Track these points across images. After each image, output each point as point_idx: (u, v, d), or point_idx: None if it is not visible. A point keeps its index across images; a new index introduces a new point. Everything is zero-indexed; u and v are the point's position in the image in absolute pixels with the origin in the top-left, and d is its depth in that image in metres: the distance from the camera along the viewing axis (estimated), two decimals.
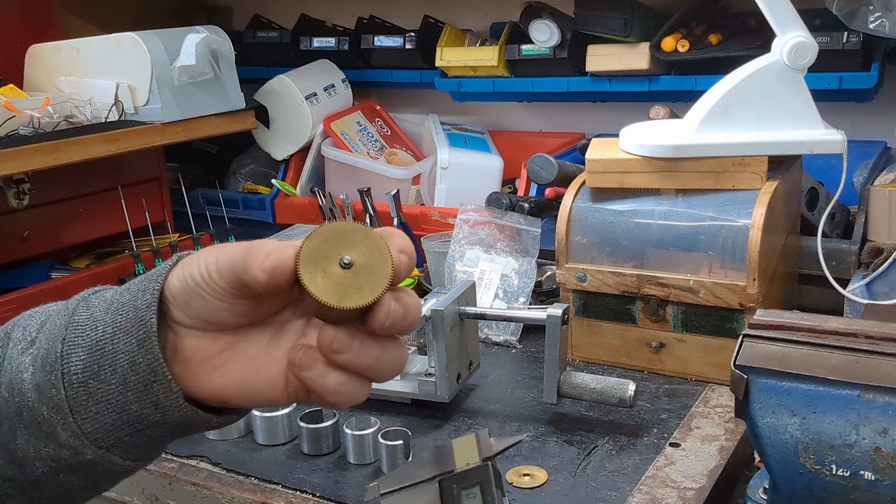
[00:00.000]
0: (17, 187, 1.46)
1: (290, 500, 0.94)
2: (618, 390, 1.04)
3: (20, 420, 0.55)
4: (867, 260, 1.26)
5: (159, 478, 1.02)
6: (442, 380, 1.07)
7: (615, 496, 0.91)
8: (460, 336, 1.10)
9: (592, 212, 1.23)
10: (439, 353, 1.06)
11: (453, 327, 1.07)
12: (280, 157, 1.92)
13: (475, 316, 1.11)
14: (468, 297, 1.13)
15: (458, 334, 1.09)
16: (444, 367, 1.06)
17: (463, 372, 1.11)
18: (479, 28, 1.89)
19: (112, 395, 0.53)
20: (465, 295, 1.11)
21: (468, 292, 1.13)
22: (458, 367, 1.10)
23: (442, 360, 1.06)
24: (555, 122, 1.94)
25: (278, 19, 2.09)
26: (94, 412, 0.54)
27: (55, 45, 1.61)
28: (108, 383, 0.53)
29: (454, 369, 1.08)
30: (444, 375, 1.06)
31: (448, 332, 1.06)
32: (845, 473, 0.72)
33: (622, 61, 1.58)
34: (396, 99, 2.05)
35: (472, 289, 1.15)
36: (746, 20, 1.55)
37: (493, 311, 1.14)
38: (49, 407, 0.54)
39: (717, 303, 1.14)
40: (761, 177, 1.15)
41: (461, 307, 1.10)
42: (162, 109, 1.52)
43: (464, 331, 1.11)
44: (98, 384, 0.53)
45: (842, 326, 0.78)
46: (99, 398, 0.53)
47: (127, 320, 0.53)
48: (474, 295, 1.16)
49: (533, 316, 1.11)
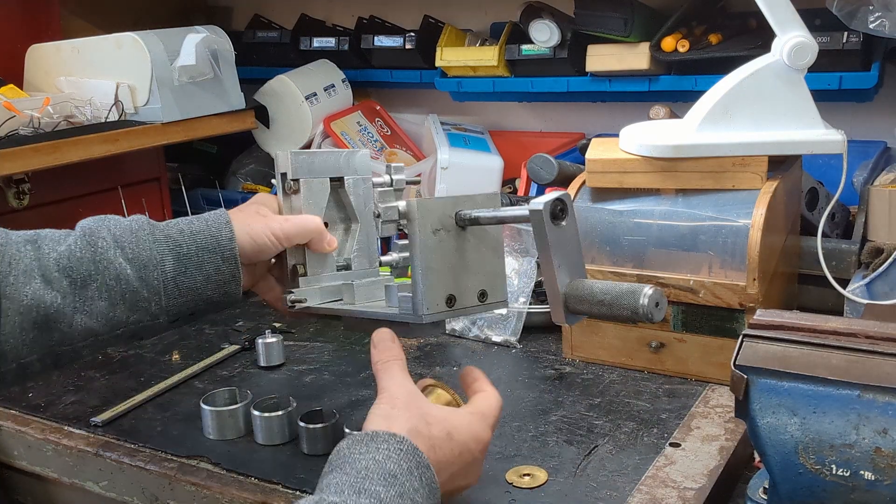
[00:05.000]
0: (17, 187, 1.46)
1: (290, 500, 0.94)
2: (628, 299, 0.78)
3: (122, 299, 0.88)
4: (867, 260, 1.26)
5: (159, 478, 1.02)
6: (418, 294, 0.85)
7: (615, 496, 0.91)
8: (457, 247, 0.88)
9: (592, 212, 1.23)
10: (414, 259, 0.86)
11: (440, 230, 0.86)
12: None
13: (469, 221, 0.87)
14: (482, 204, 0.89)
15: (452, 244, 0.87)
16: (420, 278, 0.85)
17: (462, 296, 0.88)
18: (479, 28, 1.89)
19: (196, 285, 0.91)
20: (473, 200, 0.88)
21: (483, 200, 0.89)
22: (451, 287, 0.87)
23: (418, 268, 0.85)
24: (555, 122, 1.94)
25: (278, 19, 2.09)
26: (178, 295, 0.90)
27: (55, 45, 1.61)
28: (194, 279, 0.90)
29: (440, 285, 0.86)
30: (420, 288, 0.85)
31: (429, 233, 0.85)
32: (845, 473, 0.72)
33: (622, 61, 1.58)
34: (396, 99, 2.05)
35: (494, 199, 0.90)
36: (746, 20, 1.55)
37: (485, 213, 0.87)
38: (150, 291, 0.89)
39: (717, 303, 1.14)
40: (761, 177, 1.15)
41: (461, 209, 0.87)
42: (162, 109, 1.53)
43: (465, 243, 0.89)
44: (186, 279, 0.90)
45: (842, 326, 0.78)
46: (184, 287, 0.90)
47: (208, 243, 0.91)
48: (495, 204, 0.90)
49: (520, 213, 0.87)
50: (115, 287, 0.87)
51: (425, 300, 0.85)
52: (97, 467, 1.07)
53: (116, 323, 0.88)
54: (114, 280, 0.87)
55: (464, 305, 0.89)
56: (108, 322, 0.88)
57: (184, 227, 0.92)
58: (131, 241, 0.89)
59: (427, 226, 0.85)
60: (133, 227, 0.90)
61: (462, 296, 0.88)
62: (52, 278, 0.86)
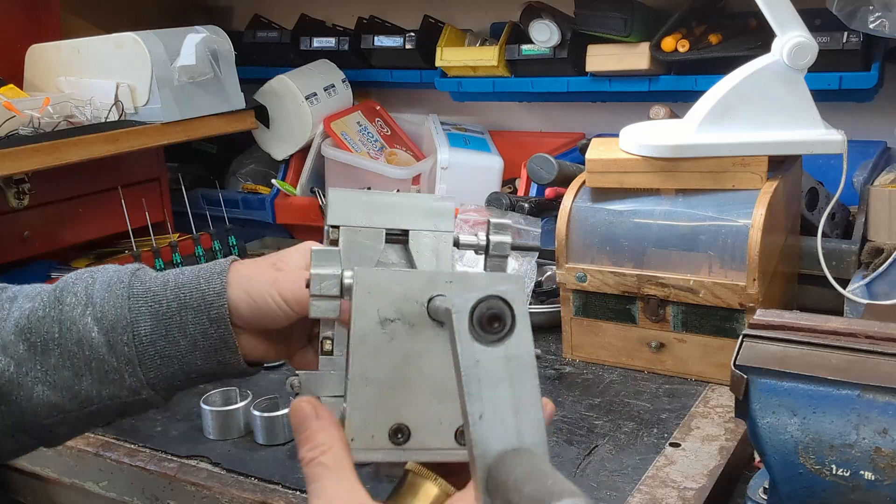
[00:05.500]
0: (17, 187, 1.46)
1: (290, 500, 0.94)
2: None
3: (88, 368, 0.69)
4: (867, 260, 1.26)
5: (159, 478, 1.02)
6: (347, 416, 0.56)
7: (615, 496, 0.91)
8: (420, 352, 0.57)
9: (592, 212, 1.23)
10: (347, 360, 0.58)
11: (393, 322, 0.56)
12: (280, 157, 1.92)
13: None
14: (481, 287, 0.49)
15: (410, 345, 0.57)
16: (350, 391, 0.56)
17: (422, 429, 0.57)
18: (479, 28, 1.89)
19: (180, 352, 0.70)
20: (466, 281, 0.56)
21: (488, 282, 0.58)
22: (400, 412, 0.57)
23: (349, 376, 0.57)
24: (555, 122, 1.94)
25: (278, 19, 2.09)
26: (159, 363, 0.70)
27: (55, 45, 1.61)
28: (176, 344, 0.70)
29: (380, 408, 0.56)
30: (348, 409, 0.56)
31: (373, 323, 0.56)
32: (845, 473, 0.72)
33: (622, 61, 1.58)
34: (396, 99, 2.05)
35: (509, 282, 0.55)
36: (746, 20, 1.55)
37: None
38: (120, 360, 0.69)
39: (717, 303, 1.14)
40: (761, 177, 1.15)
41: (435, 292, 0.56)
42: (162, 109, 1.52)
43: (435, 345, 0.57)
44: (167, 344, 0.70)
45: (842, 326, 0.78)
46: (165, 354, 0.70)
47: (193, 299, 0.70)
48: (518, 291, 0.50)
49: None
50: (78, 353, 0.69)
51: (354, 427, 0.56)
52: (97, 467, 1.07)
53: (86, 398, 0.70)
54: (76, 344, 0.69)
55: (424, 445, 0.57)
56: (75, 396, 0.70)
57: (170, 279, 0.71)
58: (103, 295, 0.70)
59: (371, 311, 0.56)
60: (114, 279, 0.71)
61: (421, 429, 0.57)
62: (8, 342, 0.70)
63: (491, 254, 0.71)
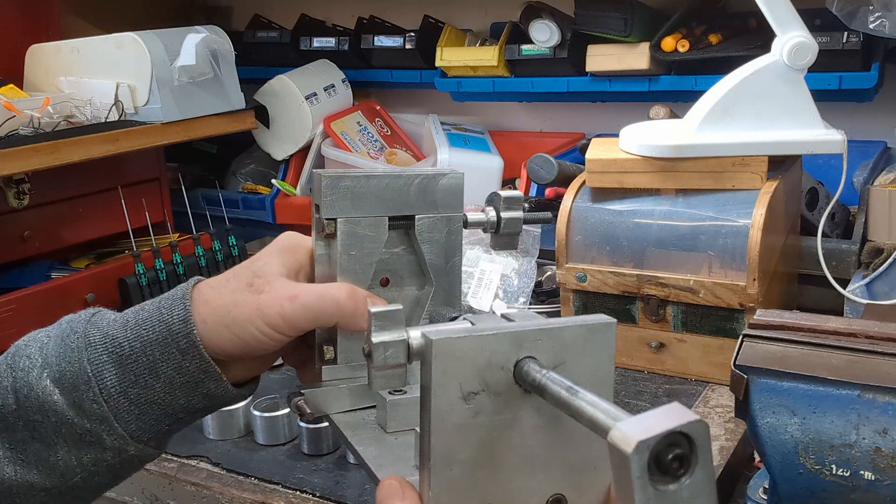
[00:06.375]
0: (17, 187, 1.46)
1: (290, 500, 0.94)
2: None
3: (59, 436, 0.60)
4: (867, 260, 1.26)
5: (159, 478, 1.02)
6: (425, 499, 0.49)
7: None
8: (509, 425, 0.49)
9: (592, 212, 1.23)
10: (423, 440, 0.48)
11: (477, 395, 0.47)
12: (280, 157, 1.92)
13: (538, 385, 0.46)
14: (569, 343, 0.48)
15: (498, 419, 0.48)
16: (429, 475, 0.48)
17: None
18: (479, 28, 1.89)
19: (157, 396, 0.61)
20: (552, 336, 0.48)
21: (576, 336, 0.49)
22: (489, 492, 0.49)
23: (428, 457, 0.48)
24: (555, 122, 1.94)
25: (278, 19, 2.09)
26: (137, 413, 0.61)
27: (55, 45, 1.61)
28: (150, 388, 0.61)
29: (467, 489, 0.49)
30: (428, 492, 0.48)
31: (455, 398, 0.47)
32: (845, 473, 0.72)
33: (622, 61, 1.58)
34: (396, 99, 2.05)
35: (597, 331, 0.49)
36: (746, 20, 1.55)
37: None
38: (91, 420, 0.60)
39: (717, 303, 1.14)
40: (761, 177, 1.15)
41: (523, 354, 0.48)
42: (162, 109, 1.52)
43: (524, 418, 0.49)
44: (139, 390, 0.61)
45: (842, 326, 0.78)
46: (142, 401, 0.61)
47: (157, 333, 0.60)
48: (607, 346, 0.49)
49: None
50: (43, 421, 0.60)
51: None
52: None
53: (65, 469, 0.61)
54: (38, 412, 0.60)
55: None
56: (52, 469, 0.61)
57: (129, 317, 0.62)
58: (58, 351, 0.61)
59: (452, 385, 0.47)
60: (66, 331, 0.62)
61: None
62: None
63: (502, 231, 0.66)
